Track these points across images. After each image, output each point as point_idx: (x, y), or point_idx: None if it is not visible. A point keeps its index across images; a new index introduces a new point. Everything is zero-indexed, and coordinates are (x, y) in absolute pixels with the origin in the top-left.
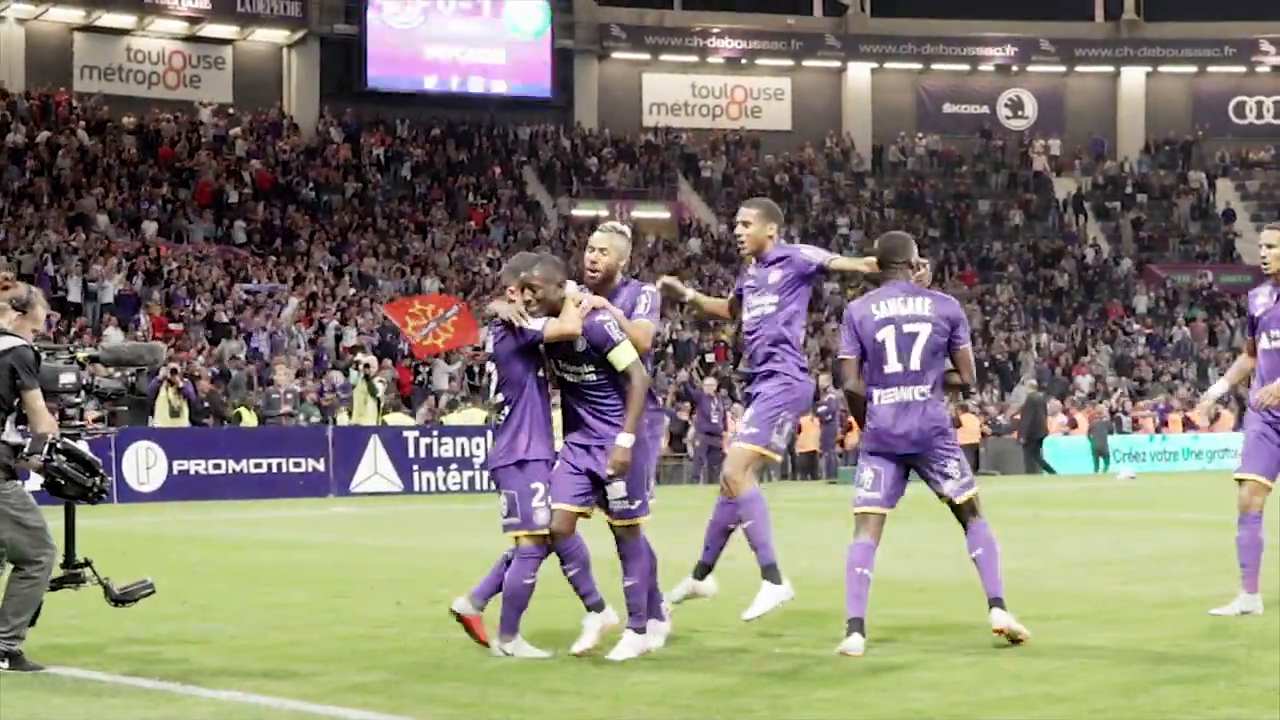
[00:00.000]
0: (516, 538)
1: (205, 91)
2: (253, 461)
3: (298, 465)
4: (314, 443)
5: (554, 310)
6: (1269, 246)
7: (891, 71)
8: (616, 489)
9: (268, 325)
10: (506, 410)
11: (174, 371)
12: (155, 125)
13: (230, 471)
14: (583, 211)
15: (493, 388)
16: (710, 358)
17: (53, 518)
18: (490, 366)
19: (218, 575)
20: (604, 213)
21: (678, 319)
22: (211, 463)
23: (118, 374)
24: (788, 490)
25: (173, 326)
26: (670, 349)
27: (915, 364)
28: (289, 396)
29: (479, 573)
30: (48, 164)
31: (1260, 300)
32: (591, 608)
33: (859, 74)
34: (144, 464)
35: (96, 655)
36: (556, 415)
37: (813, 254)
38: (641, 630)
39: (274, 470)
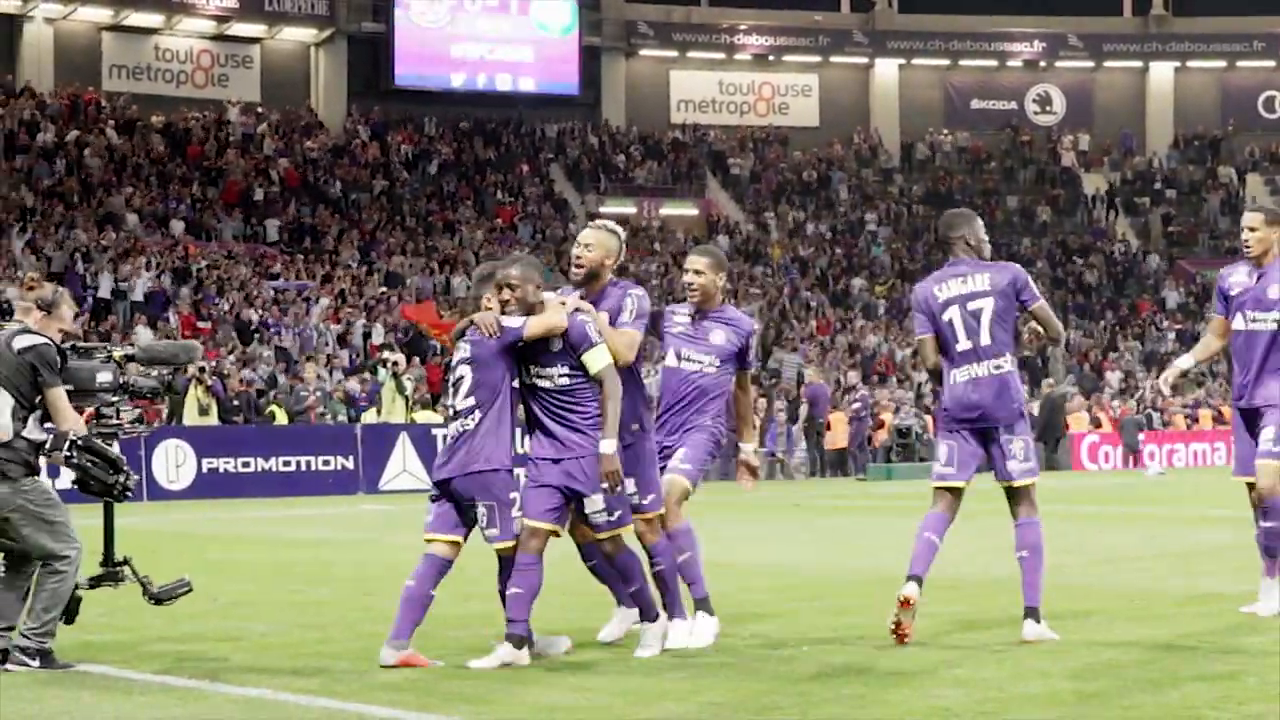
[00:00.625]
0: (498, 550)
1: (233, 90)
2: (282, 459)
3: (327, 463)
4: (343, 441)
5: (531, 312)
6: (1250, 230)
7: (919, 67)
8: (594, 502)
9: (296, 323)
10: (477, 415)
11: (202, 370)
12: (184, 124)
13: (259, 469)
14: (610, 209)
15: (462, 391)
16: None
17: (91, 516)
18: (462, 370)
19: (247, 573)
20: (632, 210)
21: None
22: (240, 461)
23: (154, 372)
24: (818, 488)
25: (201, 325)
26: None
27: (985, 339)
28: (318, 395)
29: None
30: (77, 163)
31: (1237, 279)
32: (512, 637)
33: (886, 70)
34: (173, 462)
35: (127, 653)
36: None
37: (752, 351)
38: (655, 618)
39: (303, 468)
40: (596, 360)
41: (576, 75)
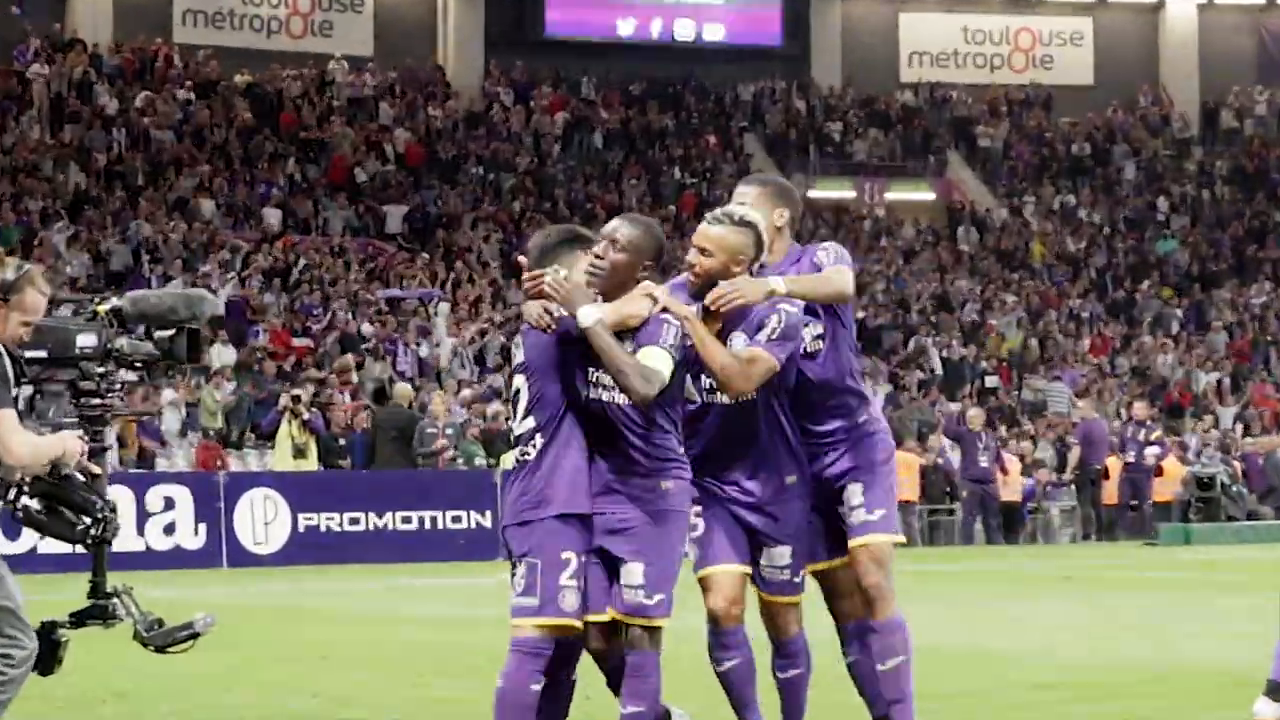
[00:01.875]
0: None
1: (339, 43)
2: (400, 515)
3: (457, 520)
4: (477, 490)
5: (620, 291)
6: None
7: (1224, 8)
8: (632, 572)
9: (419, 340)
10: (539, 441)
11: (296, 399)
12: (276, 86)
13: (371, 528)
14: (823, 192)
15: (519, 409)
16: (992, 380)
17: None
18: (517, 381)
19: (357, 661)
20: (850, 194)
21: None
22: (348, 516)
23: (158, 334)
24: (1093, 553)
25: (298, 342)
26: (935, 370)
27: None
28: (448, 432)
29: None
30: (142, 136)
31: None
32: None
33: (1182, 12)
34: (261, 518)
35: None
36: None
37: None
38: None
39: (427, 526)
40: (650, 364)
41: (779, 22)
